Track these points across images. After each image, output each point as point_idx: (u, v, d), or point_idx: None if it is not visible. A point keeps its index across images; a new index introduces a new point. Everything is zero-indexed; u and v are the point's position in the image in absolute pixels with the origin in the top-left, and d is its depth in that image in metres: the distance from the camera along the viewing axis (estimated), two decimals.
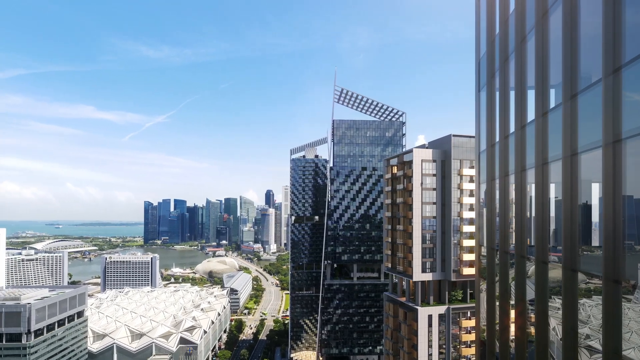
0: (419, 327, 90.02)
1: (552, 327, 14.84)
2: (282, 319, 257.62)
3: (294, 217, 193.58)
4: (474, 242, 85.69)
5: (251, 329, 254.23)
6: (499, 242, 20.11)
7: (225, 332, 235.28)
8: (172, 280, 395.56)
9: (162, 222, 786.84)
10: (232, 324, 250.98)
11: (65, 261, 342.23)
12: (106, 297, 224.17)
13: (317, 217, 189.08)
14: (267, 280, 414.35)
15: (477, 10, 23.74)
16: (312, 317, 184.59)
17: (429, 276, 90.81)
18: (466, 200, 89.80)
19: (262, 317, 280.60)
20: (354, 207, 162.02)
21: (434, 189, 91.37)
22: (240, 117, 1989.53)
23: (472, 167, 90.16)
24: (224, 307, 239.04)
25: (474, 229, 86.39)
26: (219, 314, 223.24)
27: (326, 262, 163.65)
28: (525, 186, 17.19)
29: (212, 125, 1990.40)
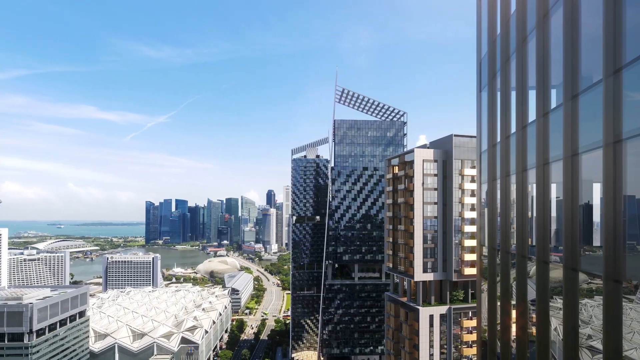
0: (421, 327, 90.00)
1: (554, 327, 14.88)
2: (283, 319, 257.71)
3: (295, 217, 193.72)
4: (475, 242, 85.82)
5: (252, 328, 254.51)
6: (500, 242, 20.14)
7: (226, 332, 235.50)
8: (174, 280, 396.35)
9: (163, 222, 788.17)
10: (234, 323, 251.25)
11: (67, 261, 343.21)
12: (108, 297, 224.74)
13: (318, 217, 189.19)
14: (269, 280, 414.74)
15: (479, 10, 23.79)
16: (313, 317, 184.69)
17: (430, 276, 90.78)
18: (467, 200, 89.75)
19: (263, 317, 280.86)
20: (355, 207, 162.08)
21: (435, 189, 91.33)
22: (241, 117, 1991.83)
23: (473, 167, 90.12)
24: (225, 307, 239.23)
25: (475, 228, 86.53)
26: (220, 314, 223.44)
27: (327, 262, 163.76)
28: (526, 186, 17.22)
29: (213, 125, 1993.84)
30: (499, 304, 20.50)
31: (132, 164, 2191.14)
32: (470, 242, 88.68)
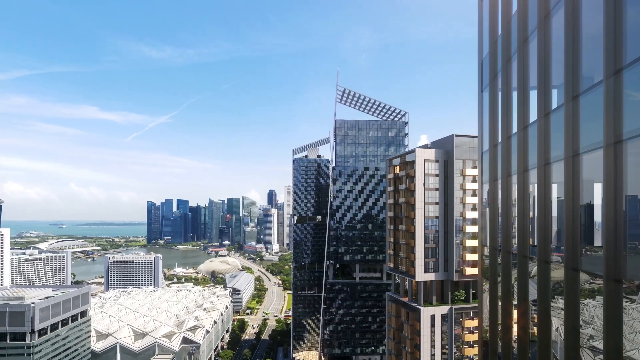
0: (422, 327, 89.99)
1: (555, 327, 14.91)
2: (284, 318, 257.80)
3: (296, 217, 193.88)
4: (476, 242, 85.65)
5: (253, 328, 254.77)
6: (502, 242, 20.17)
7: (227, 331, 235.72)
8: (175, 280, 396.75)
9: (164, 222, 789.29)
10: (235, 323, 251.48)
11: (68, 261, 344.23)
12: (109, 296, 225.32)
13: (319, 217, 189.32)
14: (270, 280, 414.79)
15: (480, 11, 23.81)
16: (314, 317, 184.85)
17: (431, 276, 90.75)
18: (469, 200, 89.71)
19: (264, 317, 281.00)
20: (357, 207, 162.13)
21: (437, 189, 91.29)
22: (242, 117, 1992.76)
23: (474, 167, 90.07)
24: (227, 307, 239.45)
25: (476, 229, 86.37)
26: (222, 314, 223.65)
27: (328, 262, 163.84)
28: (527, 186, 17.26)
29: (214, 125, 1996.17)
30: (500, 303, 20.53)
31: (133, 164, 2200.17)
32: (471, 242, 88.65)
